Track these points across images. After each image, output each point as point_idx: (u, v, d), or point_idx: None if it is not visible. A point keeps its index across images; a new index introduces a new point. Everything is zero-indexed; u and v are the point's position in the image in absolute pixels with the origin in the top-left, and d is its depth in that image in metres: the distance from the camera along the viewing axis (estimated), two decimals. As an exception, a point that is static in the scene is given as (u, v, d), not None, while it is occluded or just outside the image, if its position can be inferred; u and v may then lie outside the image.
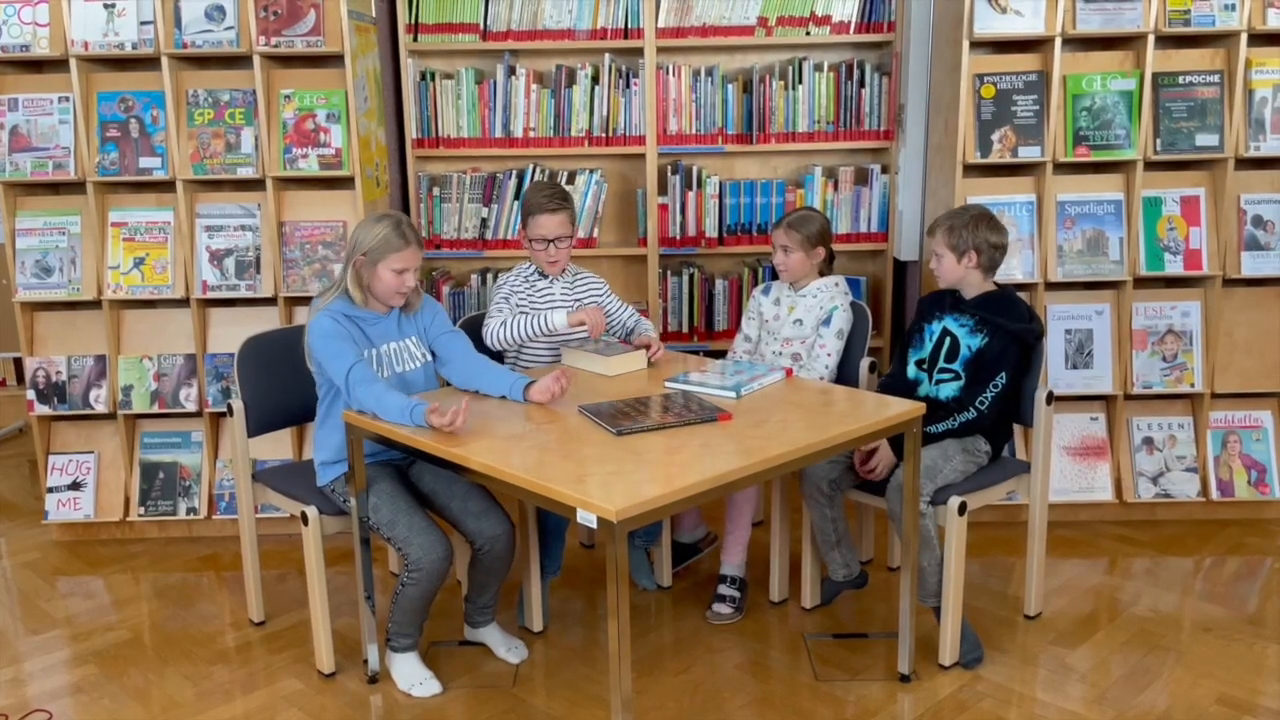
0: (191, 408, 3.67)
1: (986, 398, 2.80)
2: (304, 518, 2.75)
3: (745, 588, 3.18)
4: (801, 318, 3.23)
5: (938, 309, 2.97)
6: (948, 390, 2.89)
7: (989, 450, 2.90)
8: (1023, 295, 3.06)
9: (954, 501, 2.70)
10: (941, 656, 2.81)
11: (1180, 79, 3.55)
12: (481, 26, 3.98)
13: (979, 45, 3.57)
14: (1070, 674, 2.78)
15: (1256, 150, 3.55)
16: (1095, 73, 3.55)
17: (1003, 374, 2.80)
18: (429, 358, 2.83)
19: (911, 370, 3.00)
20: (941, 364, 2.92)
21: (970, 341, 2.87)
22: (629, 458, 2.23)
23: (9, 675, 2.90)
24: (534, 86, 4.02)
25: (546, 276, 3.16)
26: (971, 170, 3.61)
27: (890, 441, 2.80)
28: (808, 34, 3.99)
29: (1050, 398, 2.91)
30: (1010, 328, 2.82)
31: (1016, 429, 3.30)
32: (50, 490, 3.73)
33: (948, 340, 2.91)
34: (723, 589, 3.16)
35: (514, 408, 2.62)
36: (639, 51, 3.98)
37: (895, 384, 3.01)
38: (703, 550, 3.49)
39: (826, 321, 3.19)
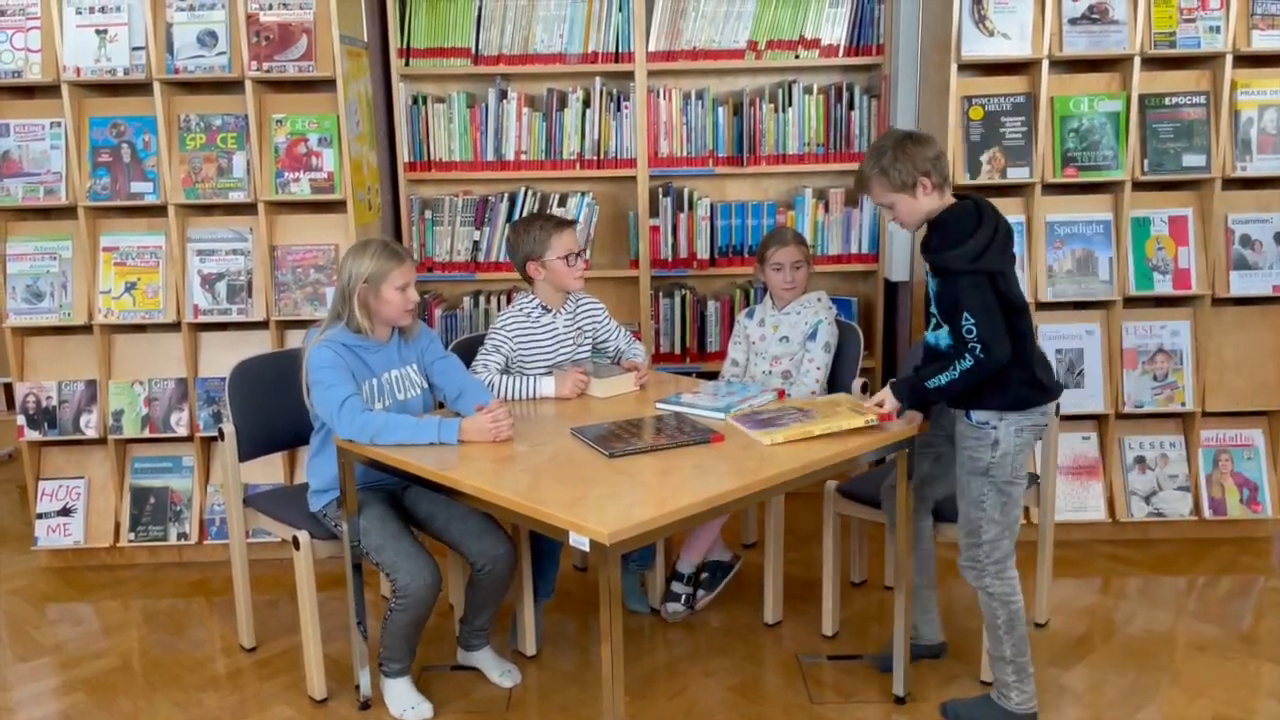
0: (182, 432, 3.66)
1: (975, 341, 2.34)
2: (295, 542, 2.74)
3: (694, 582, 3.25)
4: (787, 334, 3.26)
5: None
6: (945, 338, 2.47)
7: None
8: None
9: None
10: (983, 673, 2.79)
11: (1167, 100, 3.58)
12: (473, 50, 4.00)
13: (967, 68, 3.59)
14: (1065, 694, 2.77)
15: (1243, 170, 3.58)
16: (1082, 94, 3.58)
17: (965, 315, 2.34)
18: (427, 386, 2.84)
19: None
20: (932, 308, 2.50)
21: (931, 283, 2.47)
22: (621, 480, 2.23)
23: (-3, 704, 2.88)
24: (525, 110, 4.03)
25: (550, 310, 3.15)
26: (961, 192, 3.63)
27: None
28: (797, 57, 4.02)
29: (1057, 409, 2.87)
30: (935, 261, 2.38)
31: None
32: (40, 516, 3.70)
33: (930, 282, 2.50)
34: (676, 586, 3.23)
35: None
36: (630, 75, 4.00)
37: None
38: (735, 565, 3.41)
39: (812, 336, 3.22)
